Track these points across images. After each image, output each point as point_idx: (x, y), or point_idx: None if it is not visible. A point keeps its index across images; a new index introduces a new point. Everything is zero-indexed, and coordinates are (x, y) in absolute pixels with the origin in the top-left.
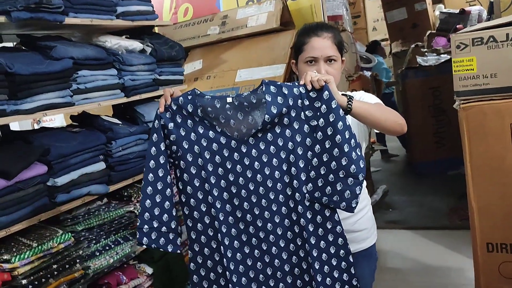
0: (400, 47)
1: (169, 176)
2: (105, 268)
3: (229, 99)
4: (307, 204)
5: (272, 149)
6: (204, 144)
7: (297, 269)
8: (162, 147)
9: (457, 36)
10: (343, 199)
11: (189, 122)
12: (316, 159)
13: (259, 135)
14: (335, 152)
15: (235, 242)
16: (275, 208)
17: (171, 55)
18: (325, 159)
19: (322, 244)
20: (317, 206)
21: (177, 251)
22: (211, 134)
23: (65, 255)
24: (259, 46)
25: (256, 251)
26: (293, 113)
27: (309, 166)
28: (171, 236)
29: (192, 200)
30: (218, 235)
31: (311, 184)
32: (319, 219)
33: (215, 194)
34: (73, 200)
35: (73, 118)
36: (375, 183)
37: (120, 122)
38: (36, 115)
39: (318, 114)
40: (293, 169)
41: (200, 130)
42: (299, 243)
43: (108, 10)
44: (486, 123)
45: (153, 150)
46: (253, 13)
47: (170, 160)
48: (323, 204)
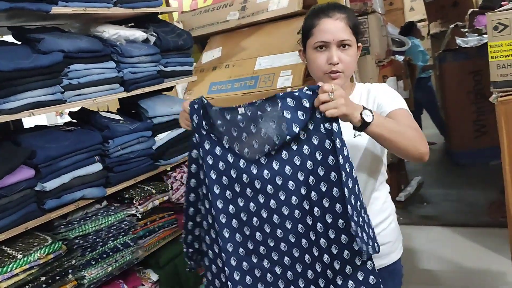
0: (439, 27)
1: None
2: (103, 277)
3: (240, 110)
4: (331, 236)
5: (288, 169)
6: (210, 162)
7: None
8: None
9: (495, 15)
10: None
11: (196, 136)
12: None
13: (272, 153)
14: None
15: (247, 278)
16: (293, 240)
17: (178, 45)
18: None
19: (351, 285)
20: (343, 238)
21: None
22: (217, 150)
23: (55, 265)
24: (280, 31)
25: None
26: (311, 126)
27: None
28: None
29: (204, 223)
30: (226, 269)
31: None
32: (346, 254)
33: (223, 221)
34: (64, 206)
35: (72, 114)
36: (409, 174)
37: (121, 119)
38: (21, 115)
39: None
40: (313, 193)
41: (206, 146)
42: (322, 285)
43: None
44: None
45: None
46: None
47: None
48: (350, 235)
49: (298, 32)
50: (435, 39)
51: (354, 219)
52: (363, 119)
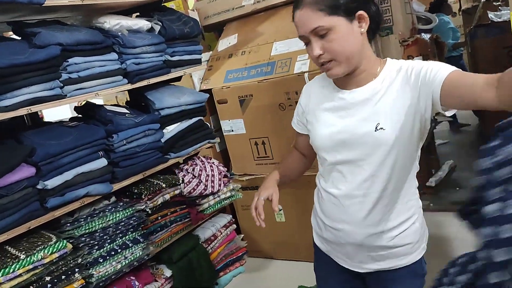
0: (471, 2)
1: None
2: (112, 275)
3: None
4: None
5: None
6: None
7: None
8: None
9: None
10: None
11: None
12: None
13: None
14: None
15: None
16: None
17: (184, 32)
18: None
19: None
20: None
21: None
22: None
23: (60, 265)
24: None
25: None
26: None
27: None
28: None
29: None
30: None
31: None
32: None
33: None
34: (68, 204)
35: (77, 109)
36: (441, 158)
37: (127, 112)
38: (18, 112)
39: None
40: None
41: None
42: None
43: None
44: None
45: None
46: None
47: None
48: None
49: None
50: (467, 14)
51: None
52: None
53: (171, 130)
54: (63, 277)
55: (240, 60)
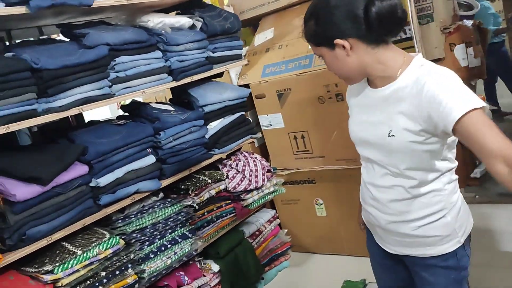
0: None
1: None
2: (163, 270)
3: None
4: None
5: None
6: None
7: None
8: None
9: None
10: None
11: None
12: None
13: None
14: None
15: None
16: None
17: (225, 28)
18: None
19: None
20: None
21: None
22: None
23: (114, 260)
24: None
25: None
26: None
27: None
28: None
29: None
30: None
31: None
32: None
33: None
34: (120, 200)
35: (123, 108)
36: None
37: (172, 109)
38: (71, 112)
39: None
40: None
41: None
42: None
43: None
44: None
45: None
46: None
47: None
48: None
49: None
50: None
51: None
52: None
53: (214, 126)
54: (117, 272)
55: (278, 54)
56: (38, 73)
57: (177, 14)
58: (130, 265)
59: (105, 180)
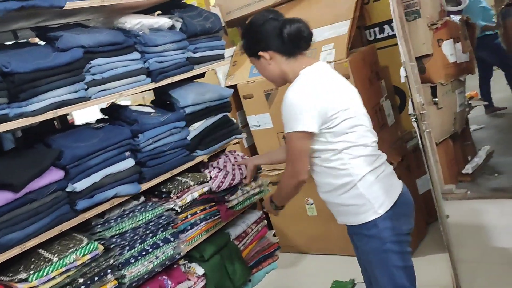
0: None
1: None
2: (145, 275)
3: None
4: None
5: None
6: None
7: None
8: None
9: None
10: None
11: None
12: None
13: None
14: None
15: None
16: None
17: (205, 28)
18: None
19: None
20: None
21: None
22: None
23: (93, 266)
24: (320, 3)
25: None
26: None
27: None
28: None
29: None
30: None
31: None
32: None
33: None
34: (97, 205)
35: (102, 110)
36: (477, 144)
37: (153, 111)
38: (45, 116)
39: None
40: None
41: None
42: None
43: None
44: None
45: None
46: None
47: None
48: None
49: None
50: None
51: None
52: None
53: (197, 127)
54: (95, 278)
55: None
56: (9, 77)
57: (158, 15)
58: (110, 270)
59: (81, 185)
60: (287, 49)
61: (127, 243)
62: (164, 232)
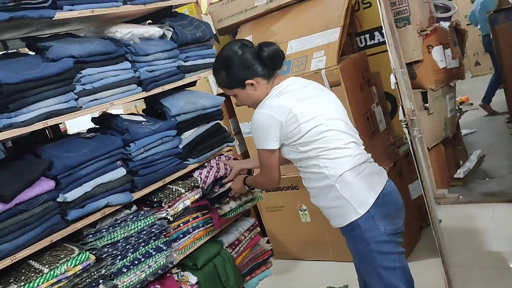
0: None
1: None
2: (137, 284)
3: None
4: None
5: None
6: None
7: None
8: None
9: None
10: None
11: None
12: None
13: None
14: None
15: None
16: None
17: (196, 37)
18: None
19: None
20: None
21: None
22: None
23: (84, 276)
24: (310, 10)
25: None
26: None
27: None
28: None
29: None
30: None
31: None
32: None
33: None
34: (89, 215)
35: (94, 120)
36: (468, 148)
37: (144, 120)
38: (34, 126)
39: None
40: None
41: None
42: None
43: None
44: None
45: None
46: None
47: None
48: None
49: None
50: None
51: None
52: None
53: (188, 135)
54: None
55: None
56: None
57: (149, 24)
58: (102, 280)
59: (72, 195)
60: (268, 72)
61: (119, 253)
62: (157, 241)
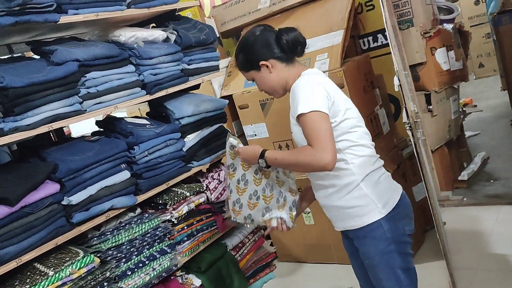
0: None
1: None
2: (142, 287)
3: None
4: None
5: None
6: None
7: None
8: None
9: None
10: None
11: None
12: None
13: None
14: None
15: None
16: None
17: (200, 40)
18: None
19: None
20: None
21: None
22: None
23: (89, 279)
24: (313, 13)
25: None
26: None
27: None
28: None
29: None
30: None
31: None
32: None
33: None
34: (93, 218)
35: (98, 123)
36: (472, 150)
37: (148, 123)
38: (40, 130)
39: None
40: None
41: None
42: None
43: (116, 0)
44: None
45: None
46: None
47: None
48: None
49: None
50: None
51: None
52: (260, 164)
53: (192, 138)
54: None
55: None
56: (3, 92)
57: (153, 27)
58: (106, 283)
59: (77, 198)
60: (286, 56)
61: (123, 255)
62: (161, 244)
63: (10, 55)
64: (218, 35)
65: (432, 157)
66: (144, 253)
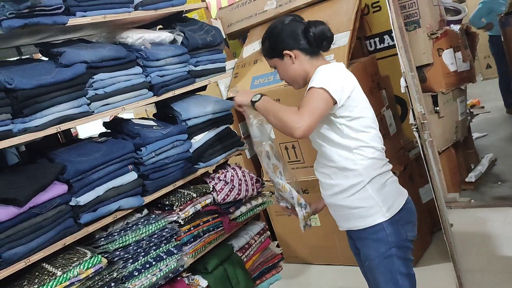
0: None
1: None
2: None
3: None
4: None
5: None
6: None
7: None
8: None
9: None
10: None
11: None
12: None
13: None
14: None
15: None
16: None
17: (207, 41)
18: None
19: None
20: None
21: None
22: None
23: (96, 279)
24: (320, 14)
25: None
26: None
27: None
28: None
29: None
30: None
31: None
32: None
33: None
34: (101, 219)
35: (105, 124)
36: (479, 152)
37: (155, 124)
38: (48, 131)
39: None
40: None
41: None
42: None
43: (123, 2)
44: None
45: None
46: None
47: None
48: None
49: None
50: None
51: None
52: (252, 101)
53: (199, 139)
54: None
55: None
56: (12, 93)
57: (160, 29)
58: (114, 284)
59: (85, 199)
60: (311, 49)
61: (130, 256)
62: (168, 245)
63: (19, 57)
64: (224, 37)
65: (439, 159)
66: (151, 254)
